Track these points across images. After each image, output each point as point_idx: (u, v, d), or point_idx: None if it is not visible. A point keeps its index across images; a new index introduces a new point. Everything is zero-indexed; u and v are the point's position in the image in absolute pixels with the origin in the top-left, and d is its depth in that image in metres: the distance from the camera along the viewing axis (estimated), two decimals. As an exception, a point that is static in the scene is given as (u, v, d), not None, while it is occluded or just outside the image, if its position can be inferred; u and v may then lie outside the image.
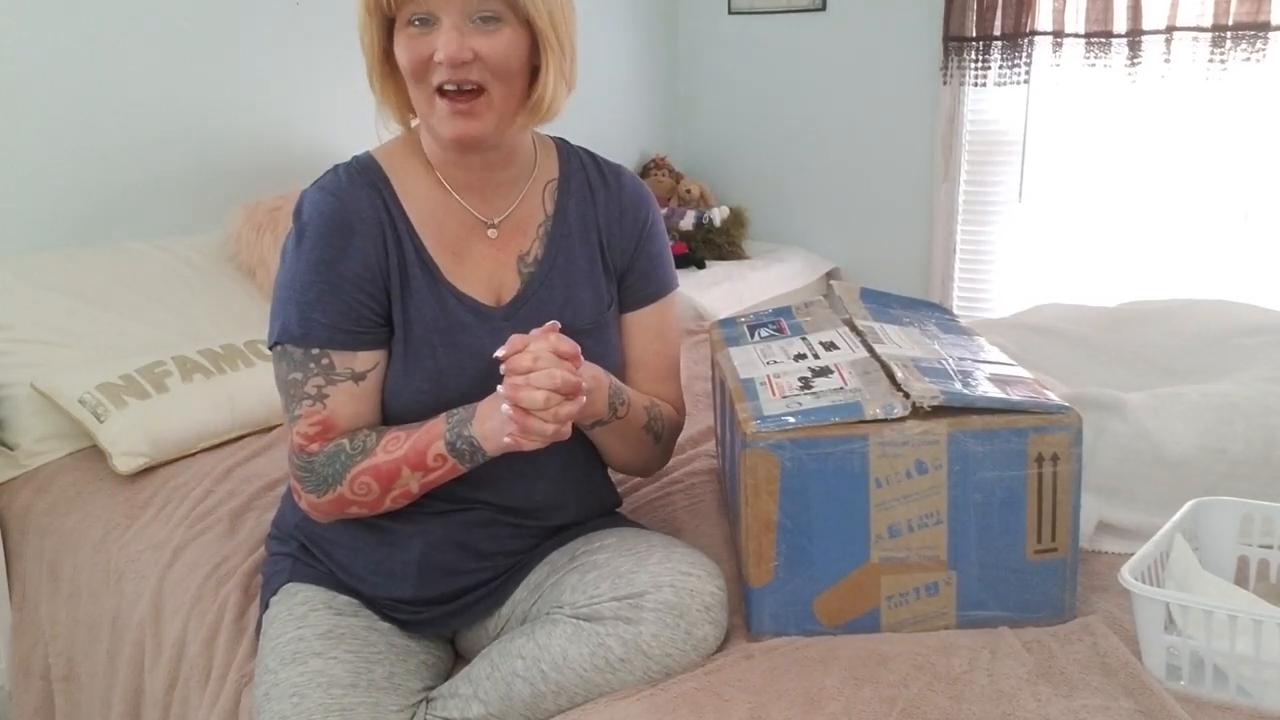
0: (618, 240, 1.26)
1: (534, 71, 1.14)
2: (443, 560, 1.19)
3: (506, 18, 1.08)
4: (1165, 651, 1.04)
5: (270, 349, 1.15)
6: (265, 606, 1.23)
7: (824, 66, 3.38)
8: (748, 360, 1.33)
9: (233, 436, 1.83)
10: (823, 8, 3.33)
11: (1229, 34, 2.63)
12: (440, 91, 1.09)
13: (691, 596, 1.08)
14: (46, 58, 2.06)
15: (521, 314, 1.19)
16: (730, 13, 3.53)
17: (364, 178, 1.16)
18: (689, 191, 3.46)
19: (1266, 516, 1.19)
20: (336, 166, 1.18)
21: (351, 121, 2.59)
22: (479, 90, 1.09)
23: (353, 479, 1.10)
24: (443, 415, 1.11)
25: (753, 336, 1.42)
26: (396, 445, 1.10)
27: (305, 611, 1.17)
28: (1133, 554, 1.10)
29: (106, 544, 1.56)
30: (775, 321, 1.45)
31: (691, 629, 1.08)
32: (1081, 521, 1.25)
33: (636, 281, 1.28)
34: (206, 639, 1.32)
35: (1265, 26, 2.59)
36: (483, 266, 1.19)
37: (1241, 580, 1.19)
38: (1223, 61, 2.66)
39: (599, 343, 1.22)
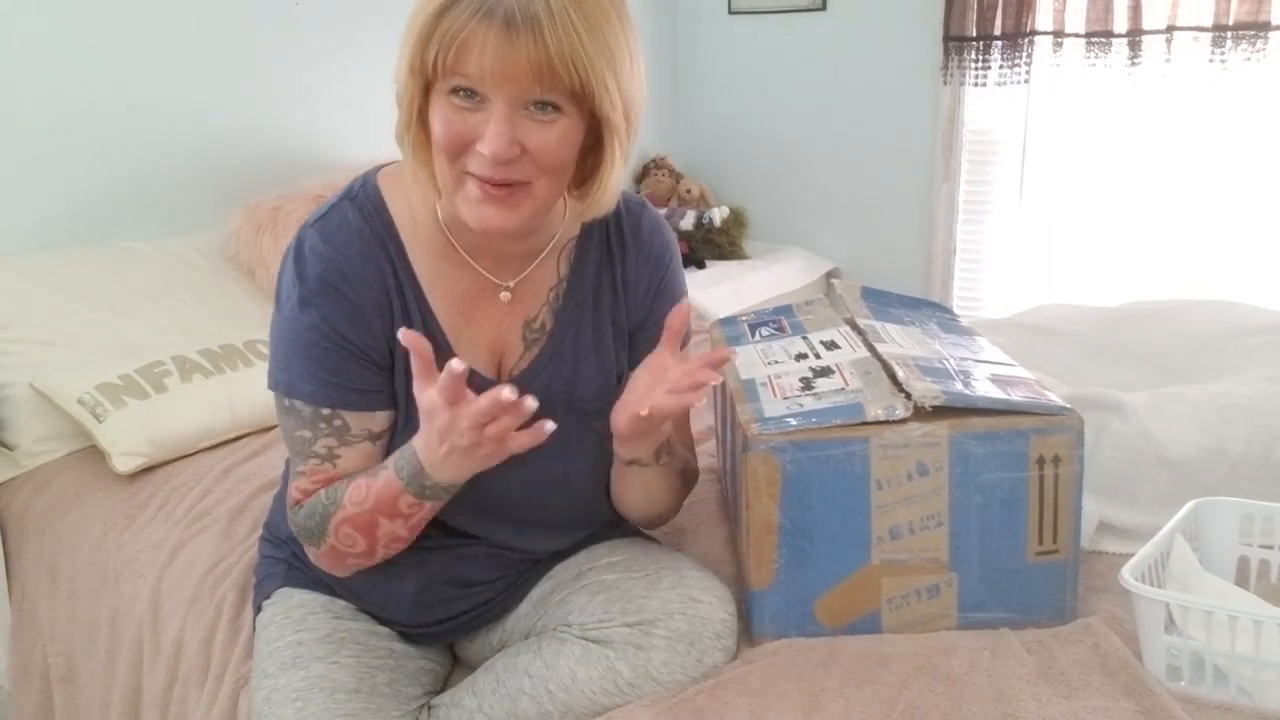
0: (634, 300, 1.17)
1: (582, 151, 0.99)
2: (438, 592, 1.17)
3: (568, 109, 0.93)
4: (1166, 652, 1.04)
5: (272, 389, 1.06)
6: (258, 609, 1.21)
7: (824, 66, 3.37)
8: (748, 360, 1.32)
9: (232, 436, 1.83)
10: (823, 8, 3.33)
11: (1229, 34, 2.63)
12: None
13: (703, 624, 1.07)
14: (46, 58, 2.06)
15: (527, 392, 1.09)
16: (730, 13, 3.52)
17: (371, 227, 1.04)
18: (689, 191, 3.45)
19: (1266, 516, 1.19)
20: (343, 200, 1.06)
21: (351, 121, 2.59)
22: (520, 182, 0.95)
23: (335, 530, 1.03)
24: (390, 466, 1.00)
25: (753, 335, 1.41)
26: (360, 495, 1.01)
27: (304, 615, 1.15)
28: (1133, 554, 1.10)
29: (105, 544, 1.56)
30: (776, 320, 1.45)
31: (703, 656, 1.08)
32: (1083, 522, 1.25)
33: (648, 340, 1.16)
34: (204, 638, 1.32)
35: (1265, 26, 2.59)
36: (488, 330, 1.11)
37: (1242, 580, 1.18)
38: (1223, 61, 2.65)
39: (604, 422, 1.10)
